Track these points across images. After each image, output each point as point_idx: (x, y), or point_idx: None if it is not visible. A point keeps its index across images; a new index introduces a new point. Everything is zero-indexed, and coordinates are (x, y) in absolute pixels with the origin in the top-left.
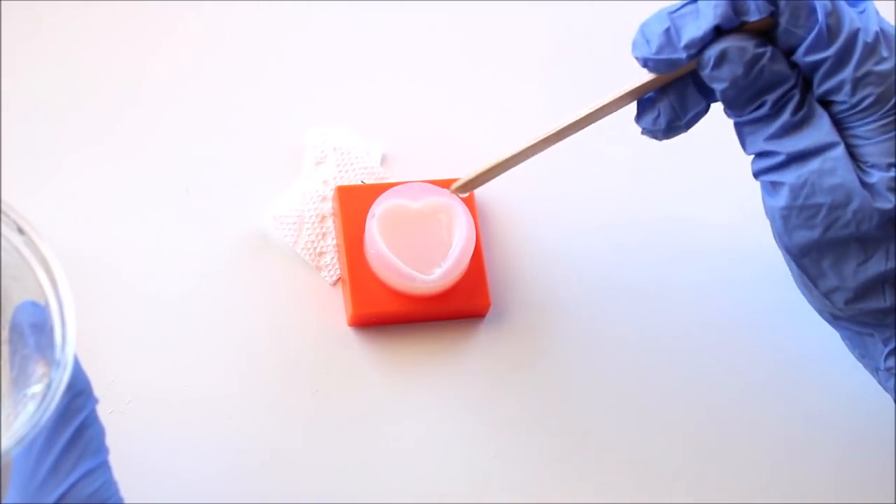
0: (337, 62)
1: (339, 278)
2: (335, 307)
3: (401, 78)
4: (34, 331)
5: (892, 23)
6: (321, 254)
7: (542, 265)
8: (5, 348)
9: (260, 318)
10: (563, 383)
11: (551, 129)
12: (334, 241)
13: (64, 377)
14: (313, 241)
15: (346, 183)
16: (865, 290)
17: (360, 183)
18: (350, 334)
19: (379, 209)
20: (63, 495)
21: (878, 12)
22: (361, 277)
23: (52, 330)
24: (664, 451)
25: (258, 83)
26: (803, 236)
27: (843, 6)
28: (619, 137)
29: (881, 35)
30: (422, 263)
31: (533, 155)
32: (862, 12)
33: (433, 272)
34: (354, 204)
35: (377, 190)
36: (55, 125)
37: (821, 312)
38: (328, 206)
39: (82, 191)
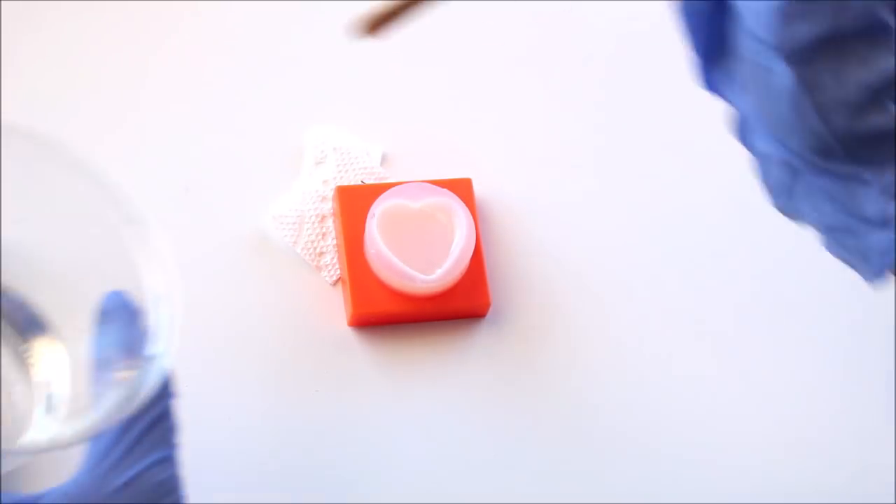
0: (337, 62)
1: (339, 278)
2: (335, 307)
3: (400, 78)
4: (126, 319)
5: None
6: (321, 254)
7: (542, 265)
8: (94, 330)
9: (260, 318)
10: (562, 383)
11: None
12: (334, 241)
13: (155, 369)
14: (313, 241)
15: (346, 183)
16: (868, 102)
17: (360, 183)
18: (350, 334)
19: (379, 209)
20: (132, 479)
21: None
22: (361, 277)
23: (145, 320)
24: (664, 451)
25: (258, 83)
26: (806, 31)
27: None
28: (621, 137)
29: None
30: (422, 263)
31: None
32: None
33: (433, 272)
34: (354, 204)
35: (377, 190)
36: (55, 125)
37: (808, 166)
38: (328, 206)
39: None
